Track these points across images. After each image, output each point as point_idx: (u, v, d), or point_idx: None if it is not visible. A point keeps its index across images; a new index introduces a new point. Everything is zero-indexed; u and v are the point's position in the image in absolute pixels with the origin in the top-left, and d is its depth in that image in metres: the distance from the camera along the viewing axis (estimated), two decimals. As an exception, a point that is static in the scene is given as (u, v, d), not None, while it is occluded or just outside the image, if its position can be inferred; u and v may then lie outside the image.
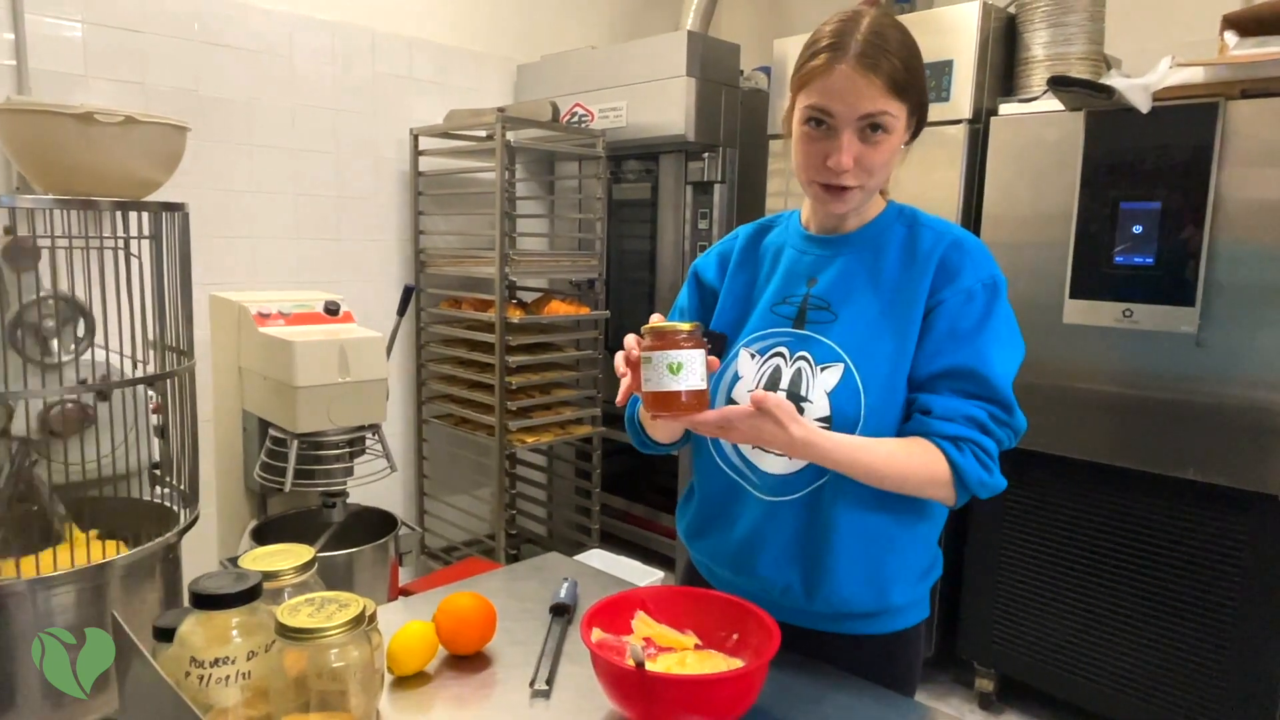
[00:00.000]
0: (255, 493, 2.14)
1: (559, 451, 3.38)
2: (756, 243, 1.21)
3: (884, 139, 1.00)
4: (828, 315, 1.08)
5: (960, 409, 1.01)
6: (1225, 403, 1.98)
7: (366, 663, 0.88)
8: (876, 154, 1.01)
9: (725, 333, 1.16)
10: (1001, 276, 1.06)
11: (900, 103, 0.99)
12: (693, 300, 1.25)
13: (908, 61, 0.99)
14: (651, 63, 2.83)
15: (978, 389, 1.02)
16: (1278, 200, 1.89)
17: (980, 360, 1.02)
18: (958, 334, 1.03)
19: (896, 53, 0.98)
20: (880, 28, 0.99)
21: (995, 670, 2.47)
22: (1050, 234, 2.22)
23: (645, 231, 3.10)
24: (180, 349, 1.70)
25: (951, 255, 1.05)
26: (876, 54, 0.97)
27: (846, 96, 0.98)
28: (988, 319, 1.03)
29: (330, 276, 2.86)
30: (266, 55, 2.63)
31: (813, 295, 1.10)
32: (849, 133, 1.00)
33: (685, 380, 0.93)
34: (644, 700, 0.89)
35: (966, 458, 1.00)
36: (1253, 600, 1.99)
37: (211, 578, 0.88)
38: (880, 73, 0.97)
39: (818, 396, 1.04)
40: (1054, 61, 2.28)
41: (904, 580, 1.10)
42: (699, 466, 1.20)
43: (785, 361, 1.08)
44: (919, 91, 1.02)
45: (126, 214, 1.56)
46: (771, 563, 1.10)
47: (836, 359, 1.05)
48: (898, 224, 1.11)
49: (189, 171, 2.42)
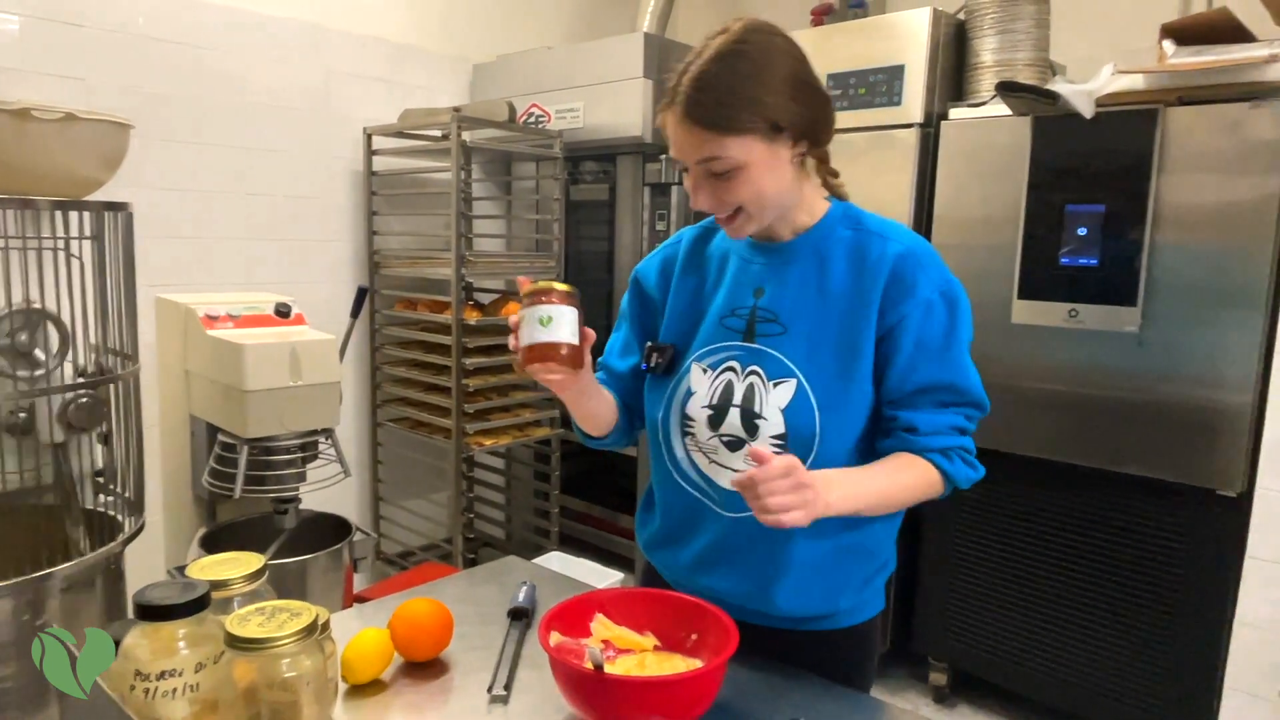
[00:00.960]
0: (203, 500, 2.08)
1: (517, 454, 3.36)
2: (701, 248, 1.19)
3: (739, 174, 0.98)
4: (776, 328, 1.07)
5: (944, 422, 1.04)
6: (1165, 399, 2.05)
7: (319, 672, 0.86)
8: (737, 189, 0.99)
9: (675, 344, 1.15)
10: (955, 280, 1.06)
11: (739, 138, 0.96)
12: (634, 307, 1.24)
13: (739, 95, 0.95)
14: (608, 64, 2.83)
15: (955, 397, 1.05)
16: (1213, 203, 1.96)
17: (955, 372, 1.05)
18: (928, 349, 1.03)
19: (722, 95, 0.95)
20: (707, 68, 0.96)
21: (949, 664, 2.51)
22: (999, 236, 2.27)
23: (603, 233, 3.09)
24: (124, 353, 1.65)
25: (903, 267, 1.03)
26: (696, 102, 0.96)
27: (679, 146, 1.00)
28: (953, 329, 1.04)
29: (281, 278, 2.80)
30: (213, 51, 2.57)
31: (760, 307, 1.09)
32: (697, 176, 1.01)
33: (554, 332, 0.96)
34: (603, 703, 0.89)
35: (956, 465, 1.05)
36: (1192, 589, 2.05)
37: (157, 588, 0.86)
38: (701, 121, 0.96)
39: (772, 414, 1.04)
40: (1002, 67, 2.34)
41: (857, 583, 1.12)
42: (659, 482, 1.19)
43: (737, 376, 1.07)
44: (772, 114, 0.97)
45: (67, 214, 1.50)
46: (731, 573, 1.11)
47: (789, 374, 1.05)
48: (841, 227, 1.09)
49: (133, 170, 2.34)
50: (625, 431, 1.25)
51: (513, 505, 3.40)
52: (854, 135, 2.45)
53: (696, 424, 1.10)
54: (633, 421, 1.25)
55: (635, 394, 1.22)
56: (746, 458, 1.05)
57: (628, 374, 1.23)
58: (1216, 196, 1.95)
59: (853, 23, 2.53)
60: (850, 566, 1.11)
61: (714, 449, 1.09)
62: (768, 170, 0.99)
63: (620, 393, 1.23)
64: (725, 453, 1.08)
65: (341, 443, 2.06)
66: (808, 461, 1.03)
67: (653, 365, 1.15)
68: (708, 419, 1.09)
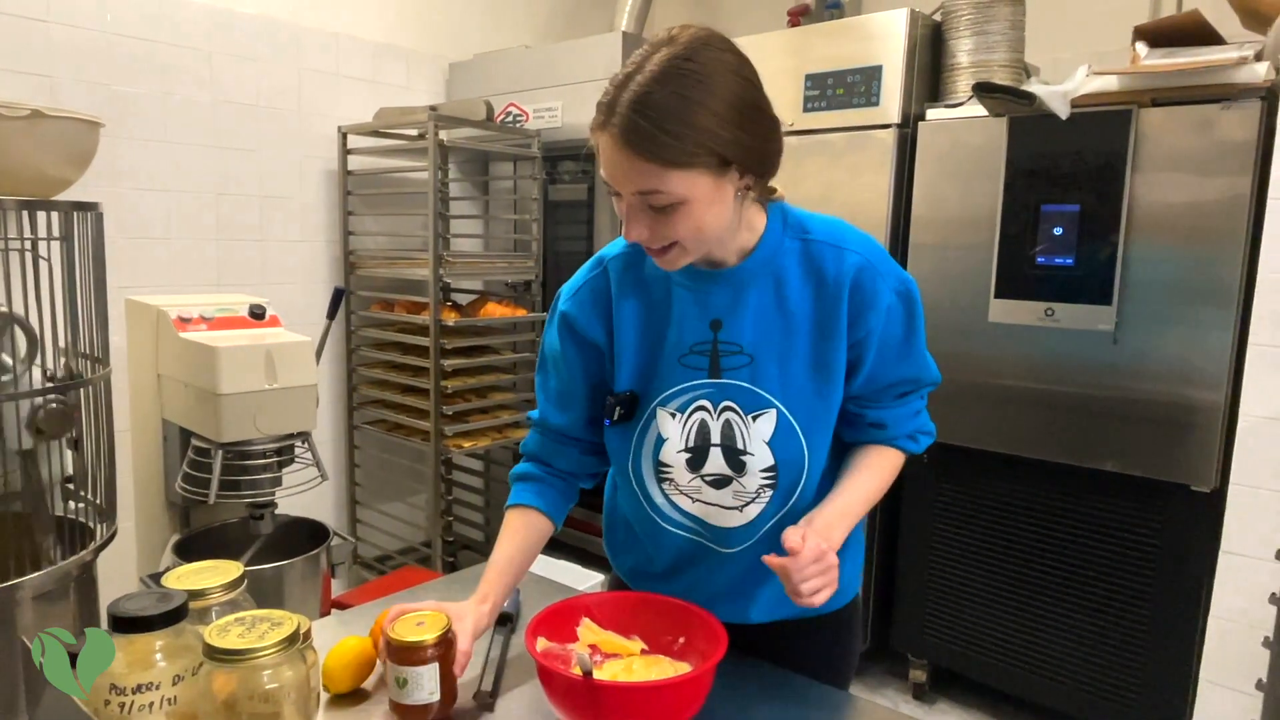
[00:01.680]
0: (177, 506, 2.05)
1: (496, 456, 3.34)
2: (636, 274, 1.06)
3: (679, 209, 0.88)
4: (743, 359, 1.01)
5: (908, 411, 1.09)
6: (1140, 397, 2.07)
7: (301, 682, 0.84)
8: (675, 225, 0.90)
9: (633, 390, 1.06)
10: (906, 274, 1.05)
11: (685, 172, 0.86)
12: (567, 350, 1.09)
13: (689, 125, 0.84)
14: (586, 63, 2.82)
15: (916, 385, 1.10)
16: (1186, 203, 1.99)
17: (915, 365, 1.08)
18: (891, 349, 1.04)
19: (668, 121, 0.84)
20: (652, 90, 0.84)
21: (927, 661, 2.53)
22: (976, 236, 2.28)
23: (582, 233, 3.08)
24: (94, 356, 1.61)
25: (862, 280, 0.99)
26: (637, 129, 0.84)
27: (614, 173, 0.89)
28: (912, 325, 1.05)
29: (254, 280, 2.76)
30: (184, 49, 2.52)
31: (722, 340, 1.01)
32: (634, 205, 0.90)
33: (412, 695, 0.93)
34: (592, 710, 0.88)
35: (919, 443, 1.11)
36: (1166, 583, 2.08)
37: (133, 598, 0.84)
38: (644, 152, 0.85)
39: (757, 448, 1.01)
40: (978, 68, 2.35)
41: (853, 559, 1.14)
42: (638, 521, 1.13)
43: (710, 415, 1.02)
44: (721, 147, 0.87)
45: (34, 214, 1.47)
46: (728, 594, 1.10)
47: (766, 405, 1.00)
48: (787, 239, 1.02)
49: (102, 170, 2.30)
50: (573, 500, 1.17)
51: (492, 508, 3.37)
52: (832, 136, 2.45)
53: (674, 469, 1.05)
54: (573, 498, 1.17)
55: (578, 456, 1.14)
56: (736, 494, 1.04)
57: (574, 434, 1.13)
58: (1189, 196, 1.98)
59: (829, 23, 2.54)
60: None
61: (697, 489, 1.05)
62: (710, 206, 0.90)
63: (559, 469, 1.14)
64: (710, 491, 1.04)
65: (318, 446, 2.04)
66: (799, 485, 1.03)
67: (615, 418, 1.06)
68: (686, 462, 1.04)
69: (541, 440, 1.16)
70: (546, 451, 1.15)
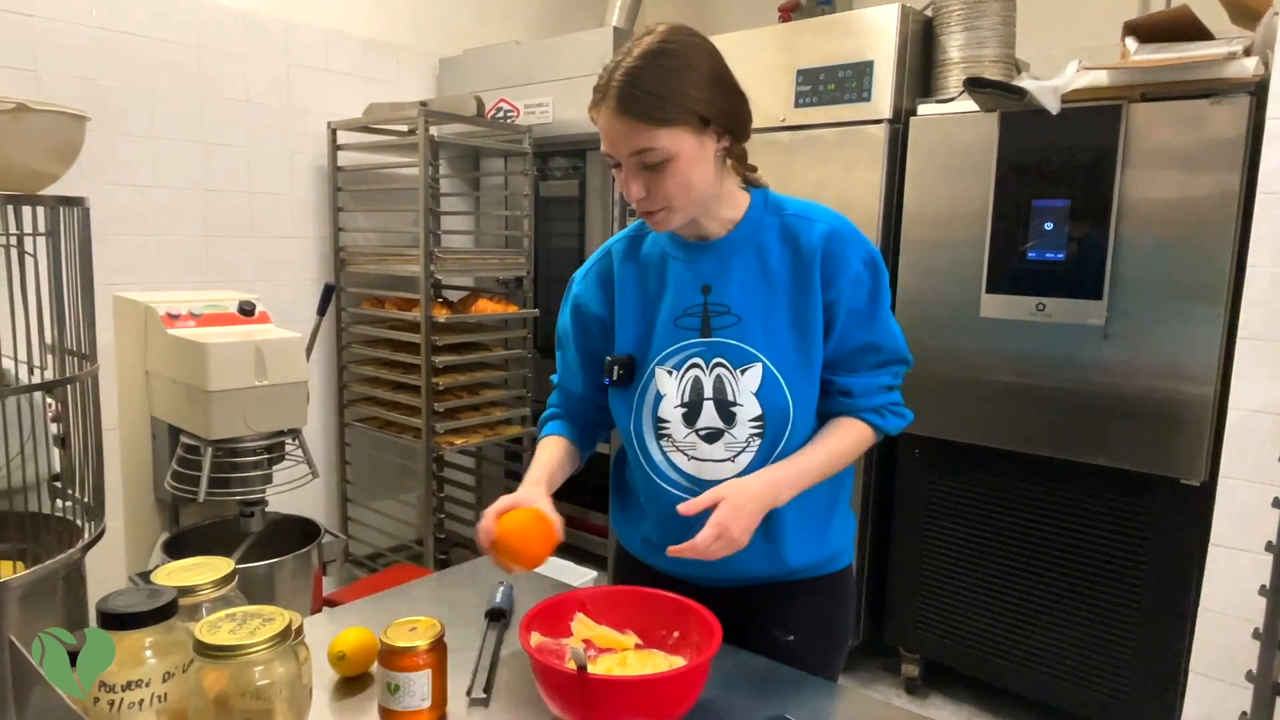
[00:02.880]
0: (166, 504, 2.03)
1: (488, 453, 3.33)
2: (634, 253, 1.22)
3: (669, 166, 1.03)
4: (731, 319, 1.12)
5: (875, 382, 1.15)
6: (1130, 391, 2.08)
7: (293, 679, 0.83)
8: (667, 181, 1.04)
9: (632, 354, 1.17)
10: (875, 248, 1.15)
11: (672, 130, 1.01)
12: (577, 334, 1.25)
13: (669, 89, 1.01)
14: (577, 59, 2.81)
15: (883, 357, 1.15)
16: (1176, 198, 2.00)
17: (880, 332, 1.14)
18: (858, 315, 1.12)
19: (652, 88, 1.00)
20: (637, 64, 1.01)
21: (919, 655, 2.54)
22: (967, 231, 2.29)
23: (573, 229, 3.07)
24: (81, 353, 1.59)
25: (833, 247, 1.11)
26: (628, 97, 1.01)
27: (612, 140, 1.04)
28: (877, 293, 1.13)
29: (244, 277, 2.74)
30: (171, 44, 2.50)
31: (711, 303, 1.13)
32: (630, 168, 1.05)
33: (402, 701, 0.94)
34: (586, 704, 0.88)
35: (888, 420, 1.16)
36: (1155, 577, 2.09)
37: (121, 595, 0.83)
38: (634, 114, 1.01)
39: (746, 399, 1.10)
40: (969, 64, 2.36)
41: (837, 528, 1.21)
42: (643, 488, 1.20)
43: (703, 371, 1.12)
44: (699, 108, 1.03)
45: (20, 209, 1.45)
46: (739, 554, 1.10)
47: (753, 359, 1.11)
48: (767, 216, 1.15)
49: (88, 166, 2.28)
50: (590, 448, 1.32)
51: (484, 505, 3.34)
52: (823, 131, 2.45)
53: (671, 424, 1.14)
54: (594, 438, 1.32)
55: (595, 411, 1.28)
56: (728, 445, 1.12)
57: (588, 395, 1.27)
58: (1179, 191, 1.99)
59: (820, 19, 2.54)
60: (833, 517, 1.20)
61: (691, 445, 1.13)
62: (695, 163, 1.05)
63: (579, 415, 1.29)
64: (704, 446, 1.12)
65: (308, 443, 2.02)
66: (785, 434, 1.11)
67: (615, 378, 1.17)
68: (682, 416, 1.13)
69: (561, 394, 1.32)
70: (567, 406, 1.31)
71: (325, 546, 2.03)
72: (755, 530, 1.04)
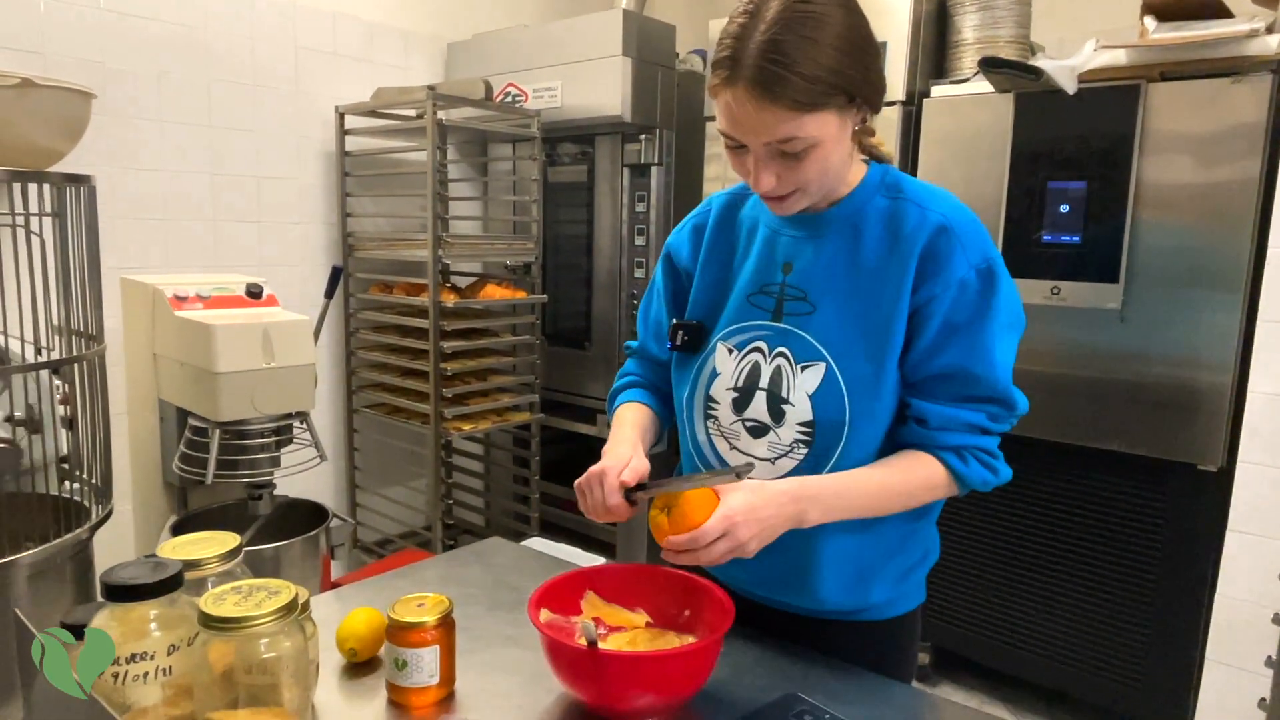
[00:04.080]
0: (175, 486, 2.03)
1: (496, 439, 3.32)
2: (732, 215, 1.11)
3: (811, 153, 0.89)
4: (805, 306, 1.00)
5: (958, 418, 0.97)
6: (1147, 376, 2.05)
7: (299, 653, 0.82)
8: (803, 169, 0.91)
9: (701, 321, 1.09)
10: (995, 253, 0.97)
11: (818, 114, 0.87)
12: (667, 285, 1.16)
13: (820, 65, 0.85)
14: (586, 42, 2.78)
15: (976, 390, 0.97)
16: (1193, 180, 1.96)
17: (978, 358, 0.95)
18: (954, 329, 0.95)
19: (802, 64, 0.84)
20: (779, 36, 0.84)
21: (931, 644, 2.52)
22: (981, 213, 2.21)
23: (582, 215, 3.05)
24: (88, 333, 1.59)
25: (938, 243, 0.94)
26: (772, 76, 0.84)
27: (746, 125, 0.89)
28: (986, 309, 0.94)
29: (251, 261, 2.73)
30: (178, 26, 2.48)
31: (789, 285, 1.01)
32: (763, 156, 0.91)
33: (410, 677, 0.92)
34: (596, 680, 0.86)
35: (970, 466, 0.98)
36: (1171, 564, 2.07)
37: (126, 567, 0.82)
38: (781, 98, 0.85)
39: (799, 399, 0.98)
40: (983, 45, 2.32)
41: (888, 579, 1.06)
42: (686, 469, 1.13)
43: (764, 358, 1.01)
44: (848, 85, 0.88)
45: (26, 186, 1.44)
46: (758, 565, 0.99)
47: (817, 357, 0.98)
48: (879, 195, 1.00)
49: (94, 149, 2.27)
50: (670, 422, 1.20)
51: (492, 491, 3.36)
52: (836, 113, 2.42)
53: (720, 406, 1.04)
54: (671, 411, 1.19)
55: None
56: (771, 445, 1.00)
57: (667, 360, 1.17)
58: (1197, 173, 1.96)
59: (834, 0, 2.50)
60: (884, 559, 1.05)
61: (736, 434, 1.03)
62: (837, 145, 0.91)
63: (657, 379, 1.20)
64: (747, 438, 1.02)
65: (317, 430, 2.01)
66: (836, 449, 0.97)
67: (678, 343, 1.08)
68: (732, 401, 1.03)
69: (639, 363, 1.23)
70: (644, 370, 1.22)
71: (333, 530, 2.03)
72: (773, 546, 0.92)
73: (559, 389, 3.12)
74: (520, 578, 1.28)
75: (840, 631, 1.07)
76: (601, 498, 0.95)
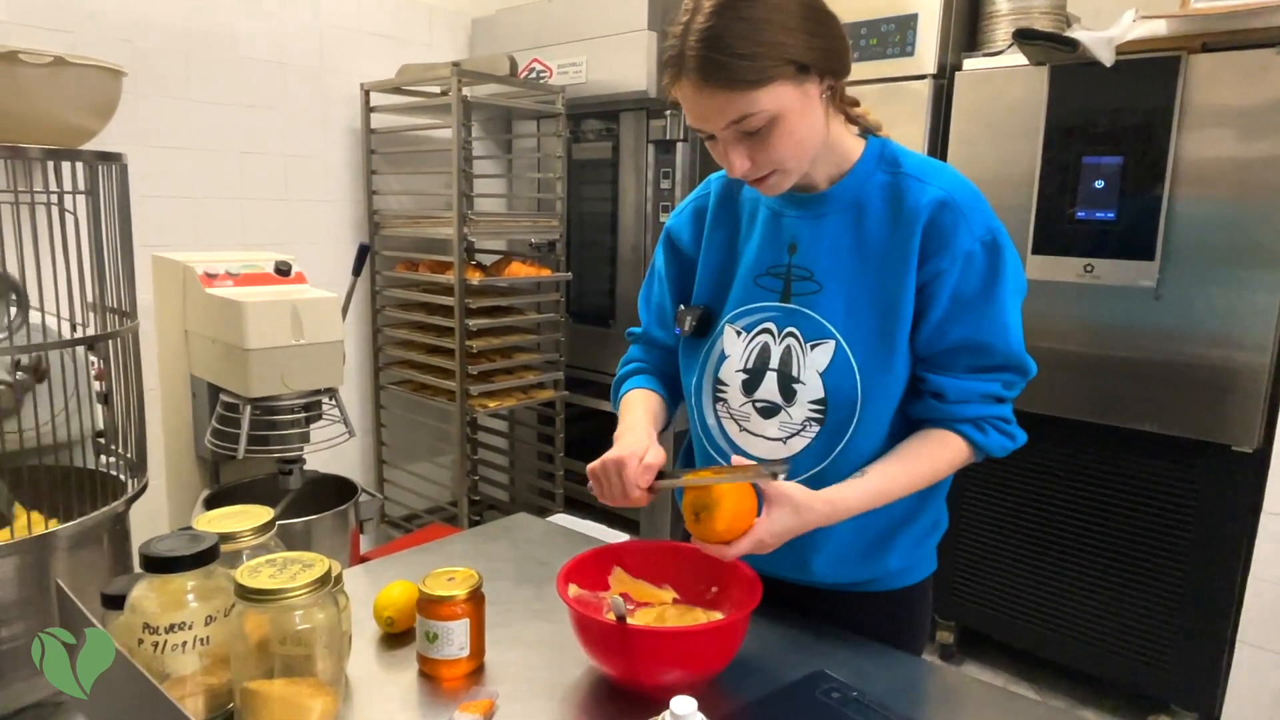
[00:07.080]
0: (207, 461, 2.06)
1: (521, 416, 3.33)
2: (732, 196, 1.11)
3: (775, 127, 0.90)
4: (812, 285, 1.01)
5: (975, 389, 0.98)
6: (1182, 355, 2.01)
7: (333, 625, 0.84)
8: (776, 145, 0.91)
9: (707, 305, 1.09)
10: (998, 225, 0.97)
11: (767, 88, 0.87)
12: (669, 268, 1.16)
13: (756, 42, 0.85)
14: (611, 15, 2.76)
15: (991, 360, 0.99)
16: (1234, 155, 1.91)
17: (991, 329, 0.97)
18: (963, 302, 0.96)
19: (738, 45, 0.85)
20: (713, 23, 0.86)
21: (955, 622, 2.51)
22: (1013, 189, 2.22)
23: (606, 193, 3.03)
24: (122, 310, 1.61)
25: (941, 218, 0.95)
26: (711, 64, 0.86)
27: (700, 113, 0.91)
28: (994, 280, 0.96)
29: (279, 239, 2.75)
30: (205, 5, 2.49)
31: (795, 265, 1.02)
32: (729, 140, 0.92)
33: (441, 649, 0.93)
34: (625, 655, 0.87)
35: (990, 436, 1.00)
36: (1203, 546, 2.04)
37: (164, 540, 0.83)
38: (722, 82, 0.87)
39: (810, 377, 0.99)
40: (1018, 16, 2.27)
41: (902, 548, 1.07)
42: (698, 452, 1.14)
43: (774, 339, 1.02)
44: (793, 54, 0.87)
45: (59, 166, 1.45)
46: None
47: (827, 335, 0.99)
48: (879, 171, 1.01)
49: (124, 127, 2.29)
50: (676, 406, 1.21)
51: (517, 468, 3.38)
52: (864, 88, 2.38)
53: (729, 389, 1.05)
54: (679, 396, 1.19)
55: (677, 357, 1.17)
56: (782, 425, 1.02)
57: (670, 339, 1.18)
58: (1239, 149, 1.91)
59: (863, -29, 2.46)
60: (894, 531, 1.06)
61: (745, 416, 1.04)
62: (803, 115, 0.91)
63: (662, 365, 1.20)
64: (758, 419, 1.03)
65: (345, 405, 2.03)
66: (850, 425, 0.98)
67: (686, 329, 1.09)
68: (742, 384, 1.04)
69: (644, 349, 1.23)
70: (649, 357, 1.22)
71: (362, 505, 2.05)
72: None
73: (583, 366, 3.12)
74: (547, 553, 1.29)
75: (855, 601, 1.08)
76: (620, 485, 0.96)
